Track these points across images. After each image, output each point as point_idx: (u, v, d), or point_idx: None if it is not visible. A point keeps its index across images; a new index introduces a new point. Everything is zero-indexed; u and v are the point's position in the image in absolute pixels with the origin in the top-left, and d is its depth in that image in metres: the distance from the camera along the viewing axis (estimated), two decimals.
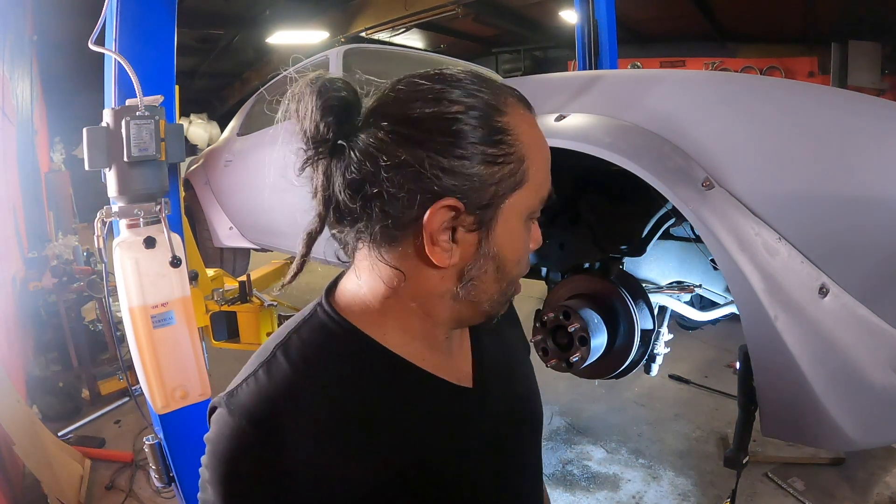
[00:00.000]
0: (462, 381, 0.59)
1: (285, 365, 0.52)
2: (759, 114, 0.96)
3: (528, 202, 0.53)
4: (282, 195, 2.51)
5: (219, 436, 0.50)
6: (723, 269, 0.92)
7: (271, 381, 0.51)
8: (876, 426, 0.86)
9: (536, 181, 0.53)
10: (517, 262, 0.55)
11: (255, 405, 0.49)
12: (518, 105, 0.54)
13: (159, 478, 1.44)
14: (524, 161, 0.52)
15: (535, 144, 0.53)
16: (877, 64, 5.67)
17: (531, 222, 0.55)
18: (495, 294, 0.55)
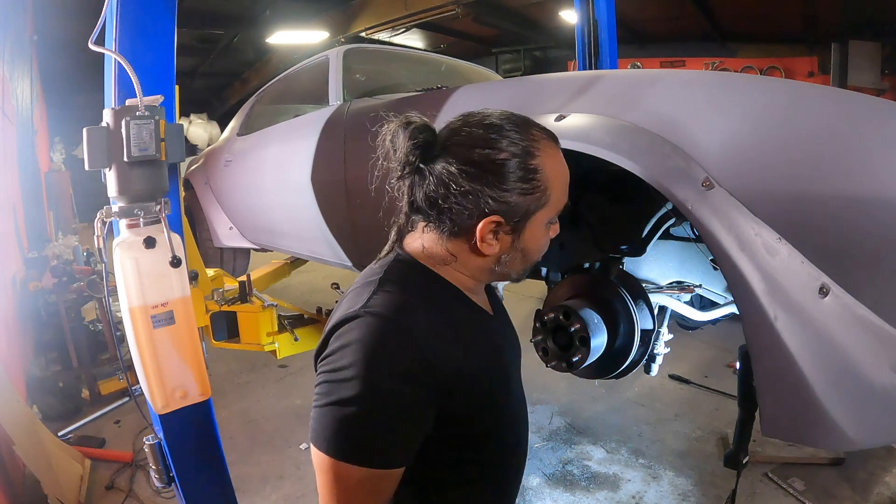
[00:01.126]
0: (487, 309, 0.86)
1: (394, 286, 0.73)
2: (759, 114, 0.96)
3: (549, 214, 0.78)
4: (282, 195, 2.52)
5: (367, 334, 0.67)
6: (723, 269, 0.92)
7: (393, 294, 0.72)
8: (876, 426, 0.86)
9: (556, 200, 0.77)
10: (538, 251, 0.80)
11: (384, 307, 0.69)
12: (547, 144, 0.76)
13: (159, 478, 1.44)
14: (548, 190, 0.75)
15: (557, 174, 0.77)
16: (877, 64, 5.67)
17: (551, 224, 0.79)
18: (521, 269, 0.81)
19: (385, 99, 2.13)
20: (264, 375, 3.53)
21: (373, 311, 0.68)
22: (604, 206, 1.41)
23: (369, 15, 6.74)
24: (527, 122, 0.76)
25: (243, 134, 3.19)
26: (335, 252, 2.22)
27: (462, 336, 0.75)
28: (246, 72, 9.99)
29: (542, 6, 6.76)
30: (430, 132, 0.74)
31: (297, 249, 2.69)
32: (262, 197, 2.73)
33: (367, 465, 0.66)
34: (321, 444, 0.66)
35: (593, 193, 1.43)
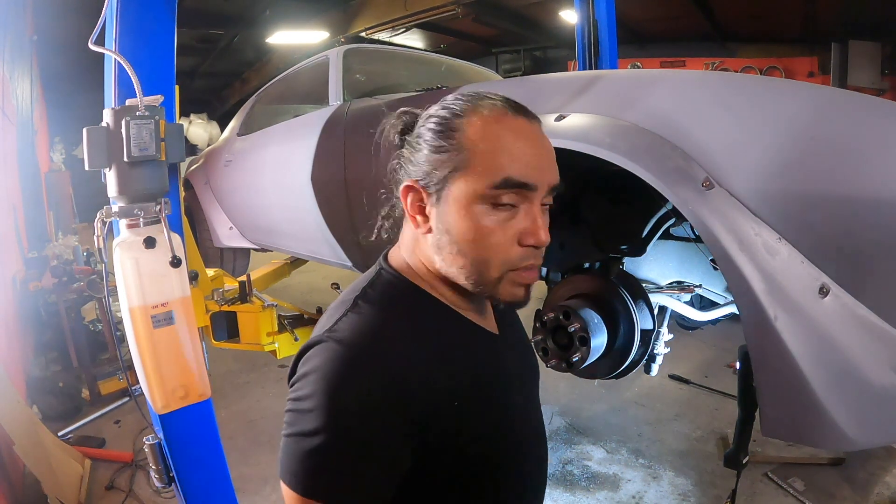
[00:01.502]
0: (491, 329, 0.76)
1: (369, 307, 0.66)
2: (759, 114, 0.96)
3: (472, 186, 0.63)
4: (282, 195, 2.52)
5: (327, 361, 0.59)
6: (723, 269, 0.92)
7: (363, 318, 0.64)
8: (876, 426, 0.86)
9: (483, 168, 0.62)
10: (471, 242, 0.64)
11: (353, 334, 0.62)
12: (490, 109, 0.65)
13: (159, 478, 1.44)
14: (465, 151, 0.63)
15: (487, 137, 0.63)
16: (877, 64, 5.67)
17: (499, 209, 0.63)
18: (463, 270, 0.66)
19: (385, 99, 2.13)
20: (264, 375, 3.53)
21: (337, 337, 0.61)
22: (604, 206, 1.41)
23: (369, 15, 6.74)
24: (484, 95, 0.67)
25: (243, 134, 3.19)
26: (335, 252, 2.22)
27: (446, 360, 0.65)
28: (246, 72, 9.99)
29: (542, 6, 6.76)
30: (412, 115, 0.72)
31: (297, 249, 2.69)
32: (262, 197, 2.73)
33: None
34: (287, 477, 0.61)
35: (593, 193, 1.43)
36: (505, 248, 0.63)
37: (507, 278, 0.65)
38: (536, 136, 0.66)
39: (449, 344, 0.67)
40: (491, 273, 0.64)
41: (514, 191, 0.62)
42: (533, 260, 0.65)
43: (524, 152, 0.63)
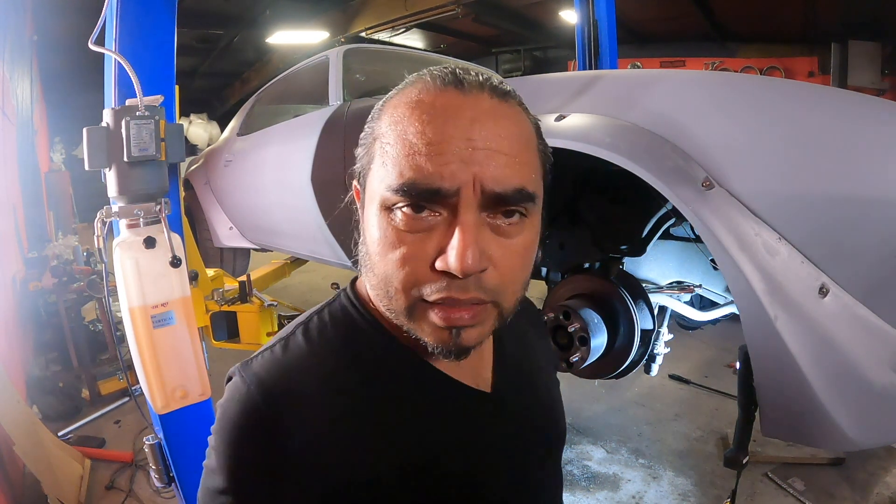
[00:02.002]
0: (480, 385, 0.58)
1: (302, 342, 0.53)
2: (759, 114, 0.96)
3: (375, 186, 0.47)
4: (282, 195, 2.52)
5: (229, 400, 0.50)
6: (723, 269, 0.92)
7: (286, 356, 0.52)
8: (876, 426, 0.86)
9: (385, 164, 0.46)
10: (377, 255, 0.47)
11: (266, 375, 0.50)
12: (422, 84, 0.48)
13: (159, 478, 1.44)
14: (377, 141, 0.48)
15: (396, 120, 0.47)
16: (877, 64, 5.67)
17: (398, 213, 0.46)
18: (375, 290, 0.50)
19: None
20: None
21: (245, 375, 0.51)
22: (604, 206, 1.41)
23: (369, 15, 6.74)
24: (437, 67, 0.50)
25: (243, 134, 3.19)
26: (335, 252, 2.22)
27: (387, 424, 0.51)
28: (246, 72, 9.98)
29: (542, 6, 6.76)
30: None
31: (297, 249, 2.69)
32: (262, 197, 2.73)
33: None
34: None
35: (593, 193, 1.43)
36: (411, 268, 0.46)
37: (419, 311, 0.47)
38: (472, 115, 0.45)
39: (396, 409, 0.52)
40: (398, 299, 0.47)
41: (420, 198, 0.44)
42: (454, 293, 0.45)
43: (437, 140, 0.44)
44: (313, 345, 0.53)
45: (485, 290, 0.46)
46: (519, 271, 0.49)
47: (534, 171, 0.48)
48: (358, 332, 0.54)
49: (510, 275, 0.47)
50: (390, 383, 0.53)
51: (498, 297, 0.47)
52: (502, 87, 0.49)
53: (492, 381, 0.59)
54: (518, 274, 0.49)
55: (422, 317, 0.47)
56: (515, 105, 0.49)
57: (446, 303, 0.45)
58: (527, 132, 0.49)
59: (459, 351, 0.48)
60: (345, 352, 0.53)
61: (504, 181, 0.45)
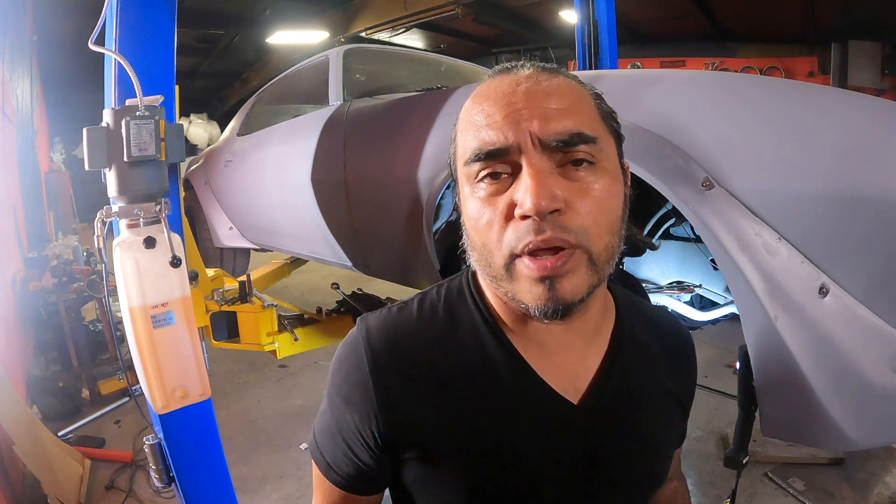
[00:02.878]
0: (569, 393, 0.57)
1: (415, 309, 0.61)
2: (759, 114, 0.96)
3: (460, 168, 0.54)
4: (282, 195, 2.52)
5: (343, 342, 0.61)
6: (723, 269, 0.92)
7: (398, 316, 0.60)
8: (876, 426, 0.86)
9: (464, 145, 0.53)
10: (473, 228, 0.52)
11: (374, 328, 0.59)
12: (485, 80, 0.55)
13: (159, 478, 1.44)
14: (457, 133, 0.55)
15: (468, 109, 0.54)
16: (877, 64, 5.67)
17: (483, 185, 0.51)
18: (478, 264, 0.53)
19: (385, 99, 2.13)
20: (264, 375, 3.53)
21: (367, 322, 0.60)
22: None
23: (369, 15, 6.74)
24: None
25: (243, 134, 3.19)
26: (335, 252, 2.22)
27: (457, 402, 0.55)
28: (246, 72, 9.98)
29: (542, 6, 6.75)
30: None
31: (297, 249, 2.69)
32: (262, 197, 2.73)
33: (318, 468, 0.62)
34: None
35: None
36: (499, 225, 0.49)
37: (515, 270, 0.49)
38: (514, 88, 0.51)
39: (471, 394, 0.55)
40: (496, 262, 0.50)
41: (486, 162, 0.50)
42: (529, 237, 0.47)
43: (491, 113, 0.50)
44: (424, 314, 0.60)
45: (567, 231, 0.47)
46: (600, 214, 0.49)
47: (591, 119, 0.51)
48: (467, 315, 0.59)
49: (589, 216, 0.48)
50: (484, 373, 0.56)
51: (583, 241, 0.47)
52: (549, 66, 0.54)
53: (584, 393, 0.57)
54: (600, 217, 0.49)
55: (518, 273, 0.49)
56: (564, 77, 0.54)
57: (533, 250, 0.47)
58: (577, 91, 0.53)
59: (559, 305, 0.48)
60: (449, 330, 0.58)
61: (557, 128, 0.48)
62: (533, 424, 0.55)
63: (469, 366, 0.56)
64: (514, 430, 0.55)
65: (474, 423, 0.55)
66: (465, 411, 0.55)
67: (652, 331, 0.65)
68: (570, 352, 0.57)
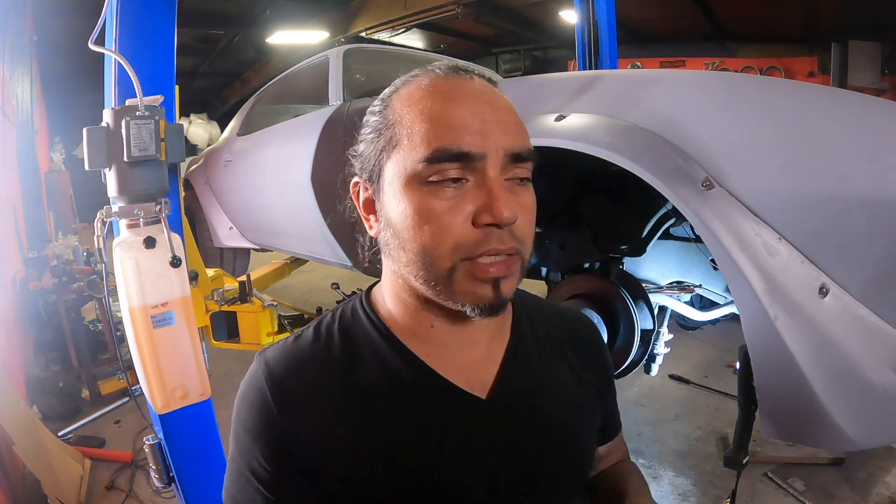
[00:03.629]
0: (476, 389, 0.58)
1: (311, 337, 0.60)
2: (759, 114, 0.96)
3: (404, 164, 0.52)
4: (282, 195, 2.52)
5: (244, 379, 0.60)
6: (723, 269, 0.92)
7: (294, 346, 0.59)
8: (876, 426, 0.86)
9: (412, 142, 0.51)
10: (412, 229, 0.51)
11: (274, 361, 0.58)
12: (426, 75, 0.55)
13: (159, 478, 1.44)
14: (393, 126, 0.54)
15: (414, 103, 0.53)
16: (877, 64, 5.66)
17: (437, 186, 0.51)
18: (408, 266, 0.53)
19: None
20: None
21: (261, 358, 0.59)
22: (604, 206, 1.41)
23: (369, 15, 6.74)
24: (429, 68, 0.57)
25: (243, 134, 3.19)
26: (335, 252, 2.22)
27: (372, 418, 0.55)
28: (246, 72, 9.98)
29: (542, 6, 6.75)
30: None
31: (297, 249, 2.69)
32: (262, 197, 2.73)
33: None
34: None
35: (593, 193, 1.43)
36: (454, 230, 0.50)
37: (462, 271, 0.51)
38: (478, 96, 0.53)
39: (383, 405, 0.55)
40: (440, 264, 0.51)
41: (452, 163, 0.50)
42: (495, 244, 0.50)
43: (459, 115, 0.51)
44: (320, 340, 0.59)
45: (517, 240, 0.52)
46: (532, 227, 0.54)
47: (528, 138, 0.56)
48: (360, 331, 0.59)
49: (529, 228, 0.54)
50: (386, 383, 0.56)
51: (523, 248, 0.53)
52: (487, 75, 0.58)
53: (491, 386, 0.59)
54: (531, 230, 0.54)
55: (463, 277, 0.51)
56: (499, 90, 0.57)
57: (488, 255, 0.51)
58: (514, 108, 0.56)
59: (498, 303, 0.52)
60: (345, 348, 0.58)
61: (518, 143, 0.53)
62: (445, 425, 0.56)
63: (372, 379, 0.56)
64: (428, 434, 0.55)
65: (388, 434, 0.54)
66: (375, 424, 0.54)
67: (553, 323, 0.68)
68: (475, 349, 0.59)
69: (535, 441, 0.59)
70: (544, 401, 0.62)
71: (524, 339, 0.63)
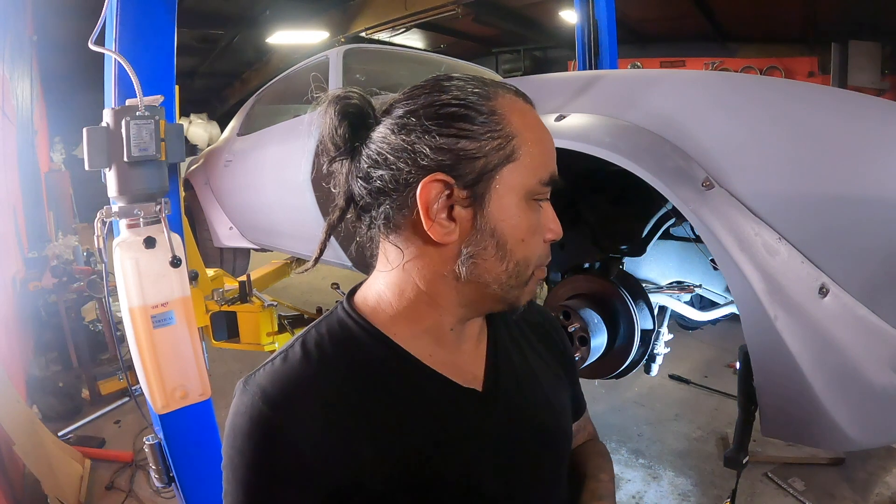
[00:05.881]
0: (471, 383, 0.60)
1: (300, 354, 0.56)
2: (759, 114, 0.96)
3: (523, 180, 0.54)
4: (282, 195, 2.52)
5: (235, 415, 0.54)
6: (723, 269, 0.92)
7: (285, 366, 0.55)
8: (876, 426, 0.86)
9: (532, 161, 0.55)
10: (520, 242, 0.55)
11: (268, 385, 0.54)
12: (512, 96, 0.57)
13: (159, 478, 1.44)
14: (513, 138, 0.54)
15: (528, 127, 0.56)
16: (877, 64, 5.66)
17: (538, 205, 0.57)
18: (502, 275, 0.56)
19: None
20: None
21: (249, 386, 0.55)
22: (604, 206, 1.41)
23: (369, 15, 6.74)
24: (492, 80, 0.59)
25: (243, 134, 3.19)
26: (335, 252, 2.22)
27: (381, 426, 0.54)
28: (246, 72, 9.98)
29: (542, 6, 6.75)
30: (362, 99, 0.58)
31: (297, 249, 2.69)
32: (262, 197, 2.73)
33: None
34: None
35: (593, 193, 1.43)
36: (539, 246, 0.58)
37: (534, 278, 0.59)
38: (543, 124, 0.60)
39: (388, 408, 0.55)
40: (528, 273, 0.58)
41: (549, 187, 0.57)
42: (550, 256, 0.61)
43: (551, 148, 0.58)
44: (311, 355, 0.56)
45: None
46: None
47: None
48: (354, 340, 0.58)
49: None
50: (385, 386, 0.56)
51: None
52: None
53: (483, 379, 0.61)
54: None
55: (533, 282, 0.59)
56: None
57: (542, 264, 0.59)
58: None
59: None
60: (341, 359, 0.56)
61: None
62: (451, 422, 0.57)
63: (378, 388, 0.55)
64: (438, 432, 0.56)
65: (407, 441, 0.54)
66: (393, 432, 0.54)
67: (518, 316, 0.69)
68: (466, 345, 0.62)
69: (529, 426, 0.63)
70: (530, 387, 0.66)
71: (501, 333, 0.67)
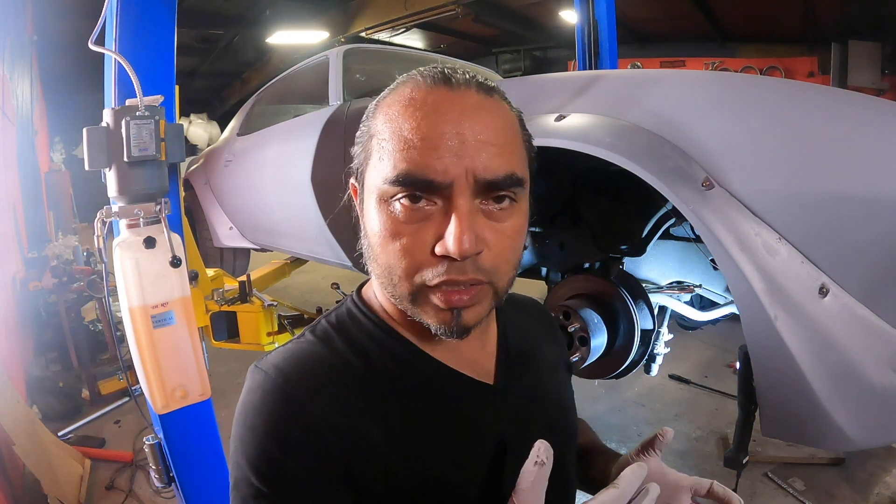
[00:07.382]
0: (483, 377, 0.59)
1: (312, 338, 0.57)
2: (759, 114, 0.96)
3: (373, 180, 0.50)
4: (282, 195, 2.52)
5: (249, 392, 0.54)
6: (723, 269, 0.92)
7: (298, 347, 0.56)
8: (876, 426, 0.86)
9: (382, 159, 0.49)
10: (379, 245, 0.50)
11: (282, 362, 0.54)
12: (414, 82, 0.51)
13: (159, 478, 1.44)
14: (372, 136, 0.52)
15: (389, 119, 0.50)
16: (877, 64, 5.66)
17: (396, 207, 0.49)
18: (380, 279, 0.53)
19: None
20: None
21: (263, 365, 0.54)
22: (604, 206, 1.41)
23: (369, 15, 6.74)
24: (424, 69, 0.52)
25: (243, 134, 3.19)
26: (335, 252, 2.22)
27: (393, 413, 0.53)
28: (246, 72, 9.98)
29: (542, 6, 6.76)
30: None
31: (297, 249, 2.69)
32: (263, 197, 2.73)
33: None
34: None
35: (593, 193, 1.43)
36: (412, 255, 0.48)
37: (423, 296, 0.50)
38: (462, 114, 0.48)
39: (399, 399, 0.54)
40: (401, 286, 0.50)
41: (417, 188, 0.47)
42: (454, 275, 0.48)
43: (432, 136, 0.47)
44: (323, 340, 0.56)
45: (481, 271, 0.49)
46: (511, 253, 0.51)
47: (520, 159, 0.52)
48: (363, 331, 0.57)
49: (503, 256, 0.51)
50: (395, 377, 0.55)
51: (493, 278, 0.50)
52: (487, 83, 0.52)
53: (494, 373, 0.61)
54: (510, 255, 0.52)
55: (424, 301, 0.50)
56: (500, 99, 0.52)
57: (447, 285, 0.49)
58: (512, 123, 0.52)
59: (461, 330, 0.51)
60: (350, 348, 0.56)
61: (494, 169, 0.48)
62: (465, 414, 0.56)
63: (387, 373, 0.55)
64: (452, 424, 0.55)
65: (417, 427, 0.53)
66: (402, 418, 0.53)
67: (516, 310, 0.70)
68: (472, 342, 0.59)
69: (543, 419, 0.62)
70: (540, 381, 0.66)
71: (509, 328, 0.65)
